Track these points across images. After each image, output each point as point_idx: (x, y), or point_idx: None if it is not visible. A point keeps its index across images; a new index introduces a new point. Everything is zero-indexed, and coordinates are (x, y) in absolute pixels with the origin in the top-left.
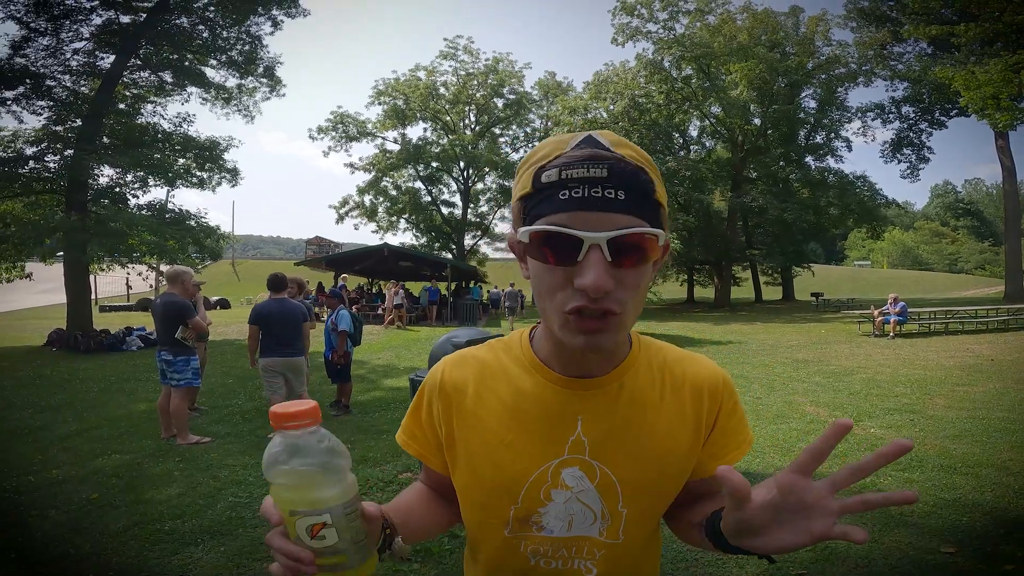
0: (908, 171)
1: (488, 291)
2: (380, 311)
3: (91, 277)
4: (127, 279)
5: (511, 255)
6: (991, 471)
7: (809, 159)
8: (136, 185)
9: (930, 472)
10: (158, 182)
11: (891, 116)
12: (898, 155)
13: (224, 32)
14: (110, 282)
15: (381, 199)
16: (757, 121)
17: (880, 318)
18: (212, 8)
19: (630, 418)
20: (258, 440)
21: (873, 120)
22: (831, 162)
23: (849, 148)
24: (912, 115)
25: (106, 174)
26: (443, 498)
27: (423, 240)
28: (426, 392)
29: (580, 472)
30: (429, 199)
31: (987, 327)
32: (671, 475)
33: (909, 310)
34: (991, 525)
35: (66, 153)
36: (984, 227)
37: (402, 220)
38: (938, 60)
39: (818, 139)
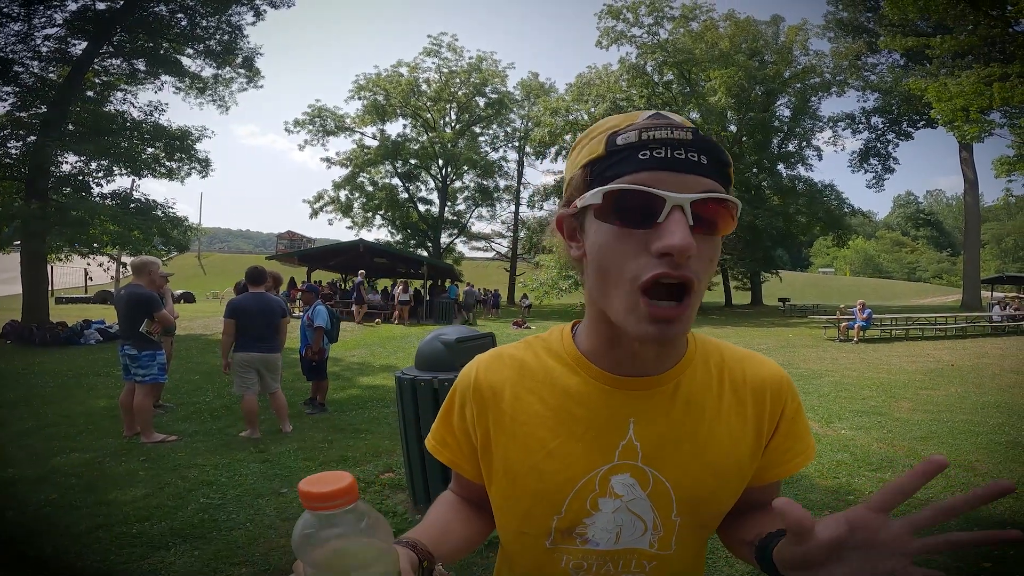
0: (874, 181)
1: (463, 291)
2: (352, 308)
3: (48, 267)
4: (87, 270)
5: (488, 254)
6: (960, 471)
7: (781, 167)
8: (100, 174)
9: (900, 472)
10: (124, 171)
11: (860, 126)
12: (865, 165)
13: (204, 21)
14: (67, 273)
15: (357, 195)
16: (733, 128)
17: (845, 323)
18: None
19: (687, 421)
20: (228, 439)
21: (844, 130)
22: (801, 170)
23: (820, 157)
24: (881, 125)
25: (69, 162)
26: (478, 507)
27: (398, 237)
28: (458, 394)
29: (632, 479)
30: (406, 196)
31: (945, 334)
32: (730, 483)
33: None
34: (964, 524)
35: (29, 139)
36: (943, 237)
37: (378, 216)
38: (910, 72)
39: (790, 147)
